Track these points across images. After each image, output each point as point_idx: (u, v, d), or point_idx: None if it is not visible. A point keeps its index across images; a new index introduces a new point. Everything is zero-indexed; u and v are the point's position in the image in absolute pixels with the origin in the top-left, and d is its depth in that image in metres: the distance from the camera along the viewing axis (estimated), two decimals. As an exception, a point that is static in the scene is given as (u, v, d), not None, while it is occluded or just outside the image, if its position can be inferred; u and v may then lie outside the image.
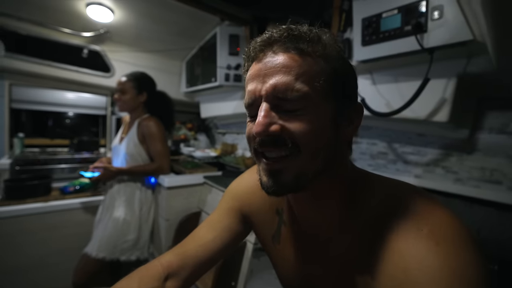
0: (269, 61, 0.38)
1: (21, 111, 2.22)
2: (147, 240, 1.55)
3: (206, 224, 0.59)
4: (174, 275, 0.51)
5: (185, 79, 2.41)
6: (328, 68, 0.38)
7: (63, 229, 1.59)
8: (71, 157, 2.17)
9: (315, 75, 0.37)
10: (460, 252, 0.31)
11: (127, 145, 1.53)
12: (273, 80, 0.37)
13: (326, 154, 0.39)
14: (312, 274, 0.48)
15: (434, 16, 0.83)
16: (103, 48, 2.09)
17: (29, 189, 1.59)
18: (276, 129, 0.37)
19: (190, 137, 2.64)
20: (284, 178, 0.38)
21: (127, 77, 1.53)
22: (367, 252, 0.38)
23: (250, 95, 0.40)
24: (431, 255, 0.31)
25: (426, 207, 0.37)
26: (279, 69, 0.37)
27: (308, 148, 0.37)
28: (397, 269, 0.33)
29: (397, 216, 0.37)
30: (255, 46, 0.40)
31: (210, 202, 1.63)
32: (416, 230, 0.34)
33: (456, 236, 0.33)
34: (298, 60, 0.37)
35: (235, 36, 1.78)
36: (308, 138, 0.37)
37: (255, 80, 0.39)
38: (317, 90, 0.37)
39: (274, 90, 0.37)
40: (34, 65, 1.91)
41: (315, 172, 0.39)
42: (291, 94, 0.36)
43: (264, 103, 0.38)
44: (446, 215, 0.35)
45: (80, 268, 1.38)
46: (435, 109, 0.97)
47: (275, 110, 0.38)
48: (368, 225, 0.39)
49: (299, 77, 0.36)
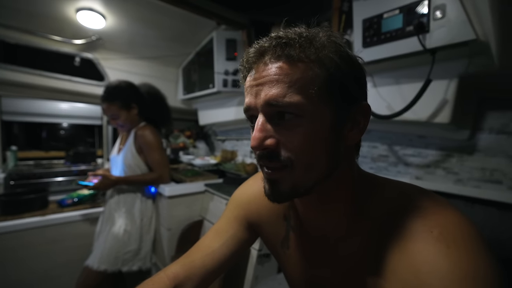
0: (261, 72, 0.38)
1: (13, 123, 2.17)
2: (149, 250, 1.53)
3: (212, 233, 0.58)
4: (181, 286, 0.50)
5: (182, 86, 2.38)
6: (323, 72, 0.37)
7: (64, 242, 1.56)
8: (68, 169, 2.12)
9: (309, 82, 0.36)
10: (471, 255, 0.31)
11: (125, 156, 1.50)
12: (266, 92, 0.37)
13: (325, 164, 0.38)
14: (322, 277, 0.47)
15: (436, 15, 0.83)
16: (95, 56, 2.05)
17: (26, 204, 1.55)
18: (271, 144, 0.37)
19: (189, 145, 2.62)
20: (282, 188, 0.39)
21: (108, 100, 1.43)
22: (376, 254, 0.37)
23: (246, 107, 0.40)
24: (442, 258, 0.31)
25: (435, 209, 0.36)
26: (272, 79, 0.37)
27: (301, 163, 0.37)
28: (408, 273, 0.33)
29: (406, 218, 0.36)
30: (248, 57, 0.40)
31: (212, 210, 1.61)
32: (426, 232, 0.34)
33: (467, 238, 0.32)
34: (289, 69, 0.36)
35: (232, 40, 1.76)
36: (301, 153, 0.37)
37: (251, 91, 0.39)
38: (311, 97, 0.36)
39: (267, 99, 0.37)
40: (24, 75, 1.85)
41: (315, 180, 0.39)
42: (283, 103, 0.36)
43: (260, 116, 0.38)
44: (457, 217, 0.35)
45: (82, 281, 1.36)
46: (436, 110, 0.97)
47: (272, 122, 0.38)
48: (376, 228, 0.39)
49: (292, 85, 0.36)
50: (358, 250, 0.41)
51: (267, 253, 1.23)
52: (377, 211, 0.40)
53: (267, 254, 1.23)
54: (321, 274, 0.47)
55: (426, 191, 0.41)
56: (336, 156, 0.39)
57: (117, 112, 1.45)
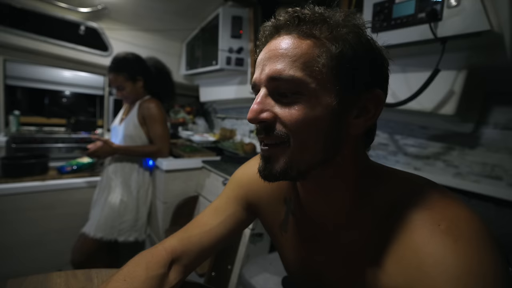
0: (272, 45, 0.38)
1: (16, 88, 2.17)
2: (145, 222, 1.57)
3: (211, 210, 0.59)
4: (177, 261, 0.51)
5: (185, 61, 2.35)
6: (333, 51, 0.35)
7: (61, 209, 1.60)
8: (68, 136, 2.13)
9: (315, 59, 0.35)
10: (479, 251, 0.30)
11: (127, 126, 1.50)
12: (271, 65, 0.37)
13: (321, 147, 0.37)
14: (319, 263, 0.47)
15: (450, 3, 0.79)
16: (100, 26, 2.02)
17: (26, 168, 1.59)
18: (267, 117, 0.37)
19: (189, 121, 2.62)
20: (275, 165, 0.39)
21: (115, 70, 1.44)
22: (378, 244, 0.37)
23: (253, 79, 0.40)
24: (448, 252, 0.30)
25: (442, 202, 0.35)
26: (278, 53, 0.36)
27: (297, 139, 0.37)
28: (410, 265, 0.32)
29: (411, 209, 0.35)
30: (264, 31, 0.40)
31: (208, 186, 1.63)
32: (432, 225, 0.32)
33: (475, 234, 0.31)
34: (297, 43, 0.36)
35: (238, 18, 1.70)
36: (296, 129, 0.36)
37: (259, 65, 0.39)
38: (315, 75, 0.35)
39: (270, 73, 0.36)
40: (29, 40, 1.83)
41: (309, 164, 0.38)
42: (284, 76, 0.35)
43: (262, 89, 0.38)
44: (465, 211, 0.33)
45: (78, 247, 1.40)
46: (442, 101, 0.94)
47: (273, 97, 0.38)
48: (379, 218, 0.38)
49: (296, 59, 0.35)
50: (359, 239, 0.40)
51: (260, 233, 1.25)
52: (381, 202, 0.39)
53: (260, 233, 1.25)
54: (318, 260, 0.47)
55: (435, 184, 0.39)
56: (335, 143, 0.38)
57: (123, 84, 1.45)
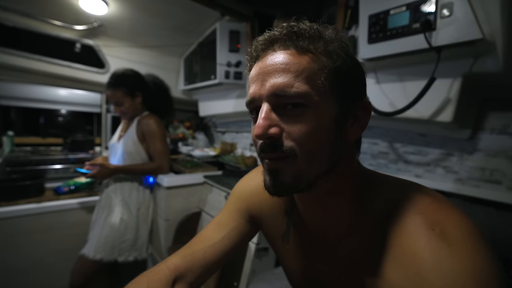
0: (269, 60, 0.38)
1: (10, 108, 2.13)
2: (146, 240, 1.53)
3: (213, 225, 0.58)
4: (181, 278, 0.50)
5: (183, 76, 2.36)
6: (330, 65, 0.37)
7: (60, 230, 1.56)
8: (65, 157, 2.09)
9: (316, 72, 0.37)
10: (473, 253, 0.31)
11: (126, 143, 1.49)
12: (273, 80, 0.37)
13: (327, 156, 0.38)
14: (321, 273, 0.48)
15: (443, 13, 0.83)
16: (97, 43, 2.02)
17: (21, 190, 1.54)
18: (275, 132, 0.37)
19: (188, 136, 2.60)
20: (283, 178, 0.38)
21: (114, 85, 1.43)
22: (377, 251, 0.38)
23: (251, 95, 0.40)
24: (444, 256, 0.31)
25: (435, 206, 0.36)
26: (279, 68, 0.37)
27: (304, 153, 0.37)
28: (409, 271, 0.33)
29: (406, 215, 0.37)
30: (257, 45, 0.40)
31: (210, 202, 1.61)
32: (427, 230, 0.34)
33: (468, 237, 0.32)
34: (297, 58, 0.37)
35: (235, 32, 1.74)
36: (305, 142, 0.37)
37: (256, 80, 0.39)
38: (318, 88, 0.36)
39: (274, 90, 0.37)
40: (23, 59, 1.80)
41: (317, 174, 0.39)
42: (290, 93, 0.36)
43: (265, 104, 0.38)
44: (457, 215, 0.35)
45: (77, 269, 1.35)
46: (439, 109, 0.97)
47: (276, 111, 0.38)
48: (377, 224, 0.39)
49: (298, 74, 0.36)
50: (358, 247, 0.41)
51: (265, 247, 1.23)
52: (377, 209, 0.40)
53: (265, 248, 1.23)
54: (321, 270, 0.48)
55: (426, 188, 0.41)
56: (337, 150, 0.39)
57: (122, 99, 1.44)
